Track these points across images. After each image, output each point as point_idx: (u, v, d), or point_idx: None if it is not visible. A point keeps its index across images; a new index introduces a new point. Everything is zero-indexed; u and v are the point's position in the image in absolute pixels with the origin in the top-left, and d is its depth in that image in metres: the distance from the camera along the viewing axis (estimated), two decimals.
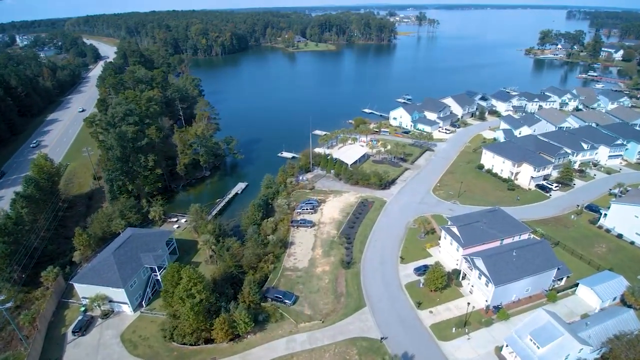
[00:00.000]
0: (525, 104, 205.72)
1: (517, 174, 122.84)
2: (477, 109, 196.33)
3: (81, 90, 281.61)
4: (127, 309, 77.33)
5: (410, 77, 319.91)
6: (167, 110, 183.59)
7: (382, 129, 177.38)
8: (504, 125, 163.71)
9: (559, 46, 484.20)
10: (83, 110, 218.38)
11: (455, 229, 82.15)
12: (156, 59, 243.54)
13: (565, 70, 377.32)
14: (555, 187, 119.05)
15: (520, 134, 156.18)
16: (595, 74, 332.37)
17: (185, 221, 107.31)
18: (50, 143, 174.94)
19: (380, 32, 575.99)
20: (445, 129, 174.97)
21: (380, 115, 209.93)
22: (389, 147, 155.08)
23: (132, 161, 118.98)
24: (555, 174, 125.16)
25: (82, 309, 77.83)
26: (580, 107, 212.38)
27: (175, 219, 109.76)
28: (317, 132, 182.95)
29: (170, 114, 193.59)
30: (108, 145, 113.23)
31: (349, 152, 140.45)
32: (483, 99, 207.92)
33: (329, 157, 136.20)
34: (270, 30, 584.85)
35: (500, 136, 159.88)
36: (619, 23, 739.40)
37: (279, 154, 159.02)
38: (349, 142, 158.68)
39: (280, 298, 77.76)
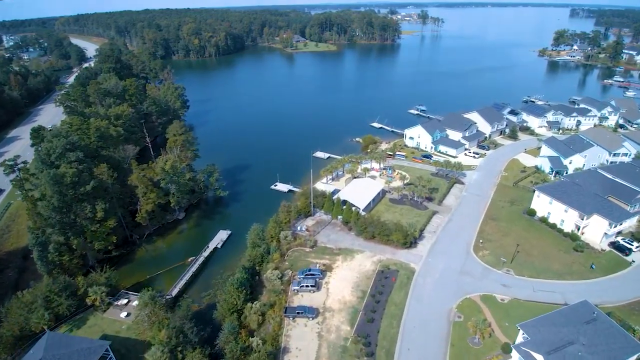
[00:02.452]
0: (562, 119, 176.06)
1: (584, 227, 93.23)
2: (506, 125, 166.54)
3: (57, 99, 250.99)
4: None
5: (419, 82, 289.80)
6: (139, 129, 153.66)
7: (398, 153, 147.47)
8: (547, 151, 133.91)
9: (575, 47, 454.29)
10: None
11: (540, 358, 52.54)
12: (135, 64, 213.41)
13: (584, 73, 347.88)
14: (637, 247, 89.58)
15: (570, 163, 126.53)
16: (621, 79, 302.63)
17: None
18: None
19: (384, 31, 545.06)
20: (474, 152, 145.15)
21: (392, 131, 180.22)
22: (407, 178, 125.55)
23: (75, 212, 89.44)
24: (630, 226, 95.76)
25: None
26: (621, 122, 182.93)
27: (126, 301, 79.77)
28: (319, 154, 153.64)
29: (148, 131, 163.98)
30: (39, 195, 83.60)
31: (360, 190, 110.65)
32: (512, 112, 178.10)
33: (335, 199, 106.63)
34: (268, 29, 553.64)
35: (544, 165, 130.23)
36: (626, 21, 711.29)
37: (273, 186, 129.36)
38: (359, 170, 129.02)
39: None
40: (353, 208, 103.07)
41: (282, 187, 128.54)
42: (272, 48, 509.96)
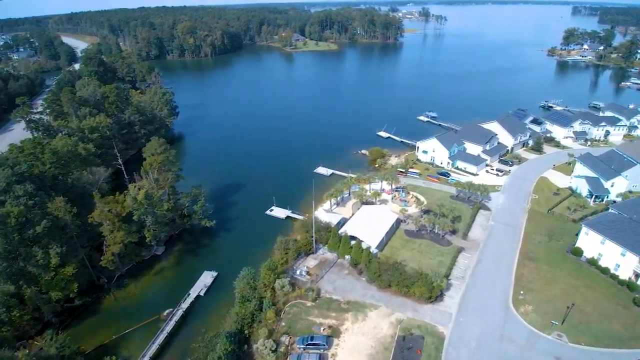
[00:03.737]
0: (589, 129, 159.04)
1: None
2: (530, 136, 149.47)
3: (39, 104, 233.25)
4: None
5: (426, 84, 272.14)
6: (120, 142, 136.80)
7: (410, 170, 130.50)
8: (582, 170, 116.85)
9: (586, 46, 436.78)
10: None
11: None
12: (120, 67, 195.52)
13: (596, 74, 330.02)
14: None
15: (612, 186, 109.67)
16: (639, 81, 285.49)
17: None
18: None
19: (386, 29, 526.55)
20: (497, 170, 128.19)
21: (402, 141, 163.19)
22: (424, 203, 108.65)
23: (25, 258, 72.65)
24: None
25: None
26: None
27: None
28: (321, 170, 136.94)
29: (130, 143, 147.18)
30: None
31: (370, 222, 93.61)
32: (535, 122, 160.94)
33: (341, 233, 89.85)
34: (266, 27, 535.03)
35: (581, 187, 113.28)
36: (630, 19, 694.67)
37: (268, 211, 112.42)
38: (367, 190, 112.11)
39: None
40: (363, 244, 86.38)
41: (278, 212, 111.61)
42: (270, 47, 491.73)
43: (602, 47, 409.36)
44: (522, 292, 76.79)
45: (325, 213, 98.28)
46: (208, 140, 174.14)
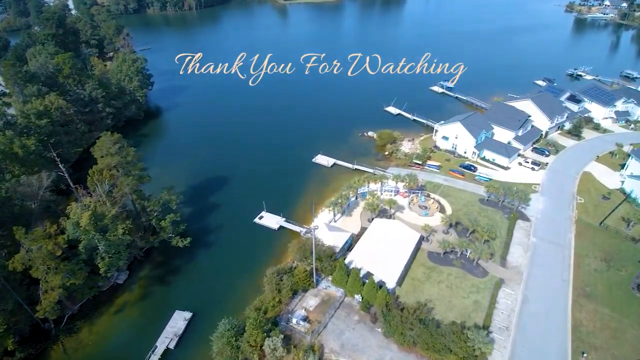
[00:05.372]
0: (632, 108, 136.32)
1: None
2: (567, 117, 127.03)
3: None
4: None
5: (436, 46, 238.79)
6: (75, 128, 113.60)
7: (429, 163, 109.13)
8: (638, 167, 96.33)
9: (607, 2, 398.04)
10: None
11: None
12: (82, 29, 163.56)
13: (618, 35, 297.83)
14: None
15: None
16: None
17: None
18: None
19: None
20: (532, 163, 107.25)
21: (414, 120, 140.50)
22: (449, 211, 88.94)
23: None
24: None
25: None
26: None
27: None
28: (321, 159, 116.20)
29: (94, 125, 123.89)
30: None
31: (387, 248, 73.85)
32: (573, 99, 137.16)
33: (349, 266, 70.70)
34: None
35: (637, 191, 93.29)
36: None
37: (257, 219, 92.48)
38: (378, 195, 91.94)
39: None
40: (374, 276, 67.64)
41: (270, 219, 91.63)
42: None
43: (625, 4, 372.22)
44: (584, 354, 59.22)
45: (327, 230, 78.39)
46: (188, 115, 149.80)
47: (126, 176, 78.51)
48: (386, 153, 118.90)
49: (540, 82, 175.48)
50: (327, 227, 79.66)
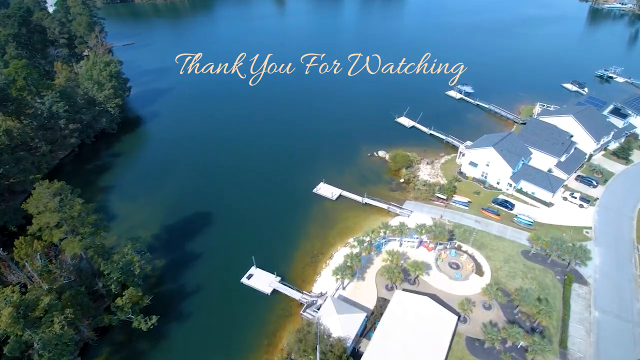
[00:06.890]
0: None
1: None
2: (613, 136, 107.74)
3: None
4: None
5: (447, 42, 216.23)
6: (43, 139, 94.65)
7: (456, 198, 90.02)
8: None
9: None
10: None
11: None
12: (50, 27, 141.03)
13: (636, 28, 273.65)
14: None
15: None
16: None
17: None
18: None
19: None
20: (580, 199, 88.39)
21: (431, 134, 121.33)
22: (486, 275, 70.60)
23: None
24: None
25: None
26: None
27: None
28: (323, 190, 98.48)
29: (57, 146, 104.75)
30: None
31: (415, 339, 55.63)
32: (617, 112, 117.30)
33: None
34: None
35: None
36: None
37: (245, 279, 74.03)
38: (400, 241, 73.53)
39: None
40: None
41: (260, 279, 73.28)
42: None
43: None
44: None
45: (335, 312, 59.55)
46: (171, 127, 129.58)
47: (71, 238, 59.71)
48: (401, 180, 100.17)
49: (569, 86, 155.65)
50: (334, 305, 61.23)
